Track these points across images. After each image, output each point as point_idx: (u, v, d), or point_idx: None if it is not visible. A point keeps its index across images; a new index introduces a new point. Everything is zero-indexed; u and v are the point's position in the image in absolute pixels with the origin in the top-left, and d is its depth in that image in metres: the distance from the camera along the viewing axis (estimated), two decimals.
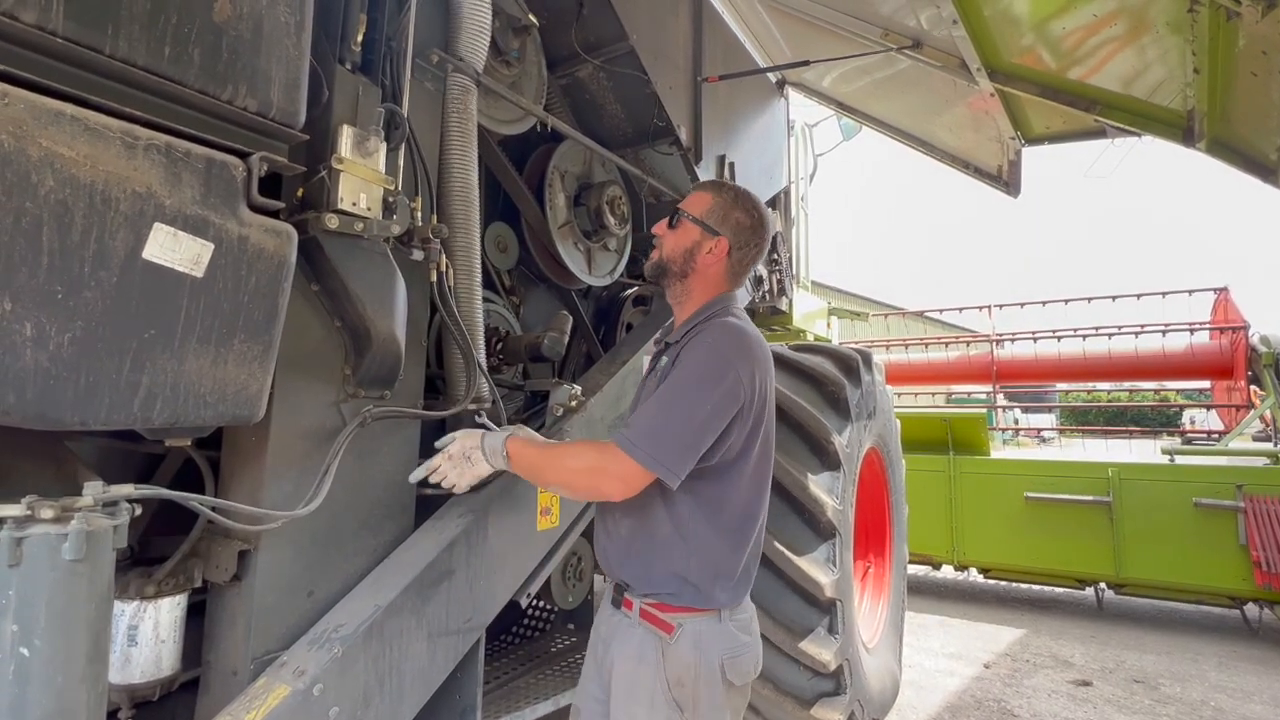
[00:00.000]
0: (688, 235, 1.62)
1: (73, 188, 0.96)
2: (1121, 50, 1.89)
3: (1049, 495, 5.91)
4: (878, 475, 3.83)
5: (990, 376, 8.35)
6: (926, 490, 6.33)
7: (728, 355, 1.46)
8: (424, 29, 1.77)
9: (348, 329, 1.55)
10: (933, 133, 3.67)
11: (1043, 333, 8.34)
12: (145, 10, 1.05)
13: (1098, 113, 2.12)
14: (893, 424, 4.02)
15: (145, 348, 1.07)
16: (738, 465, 1.51)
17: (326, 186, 1.41)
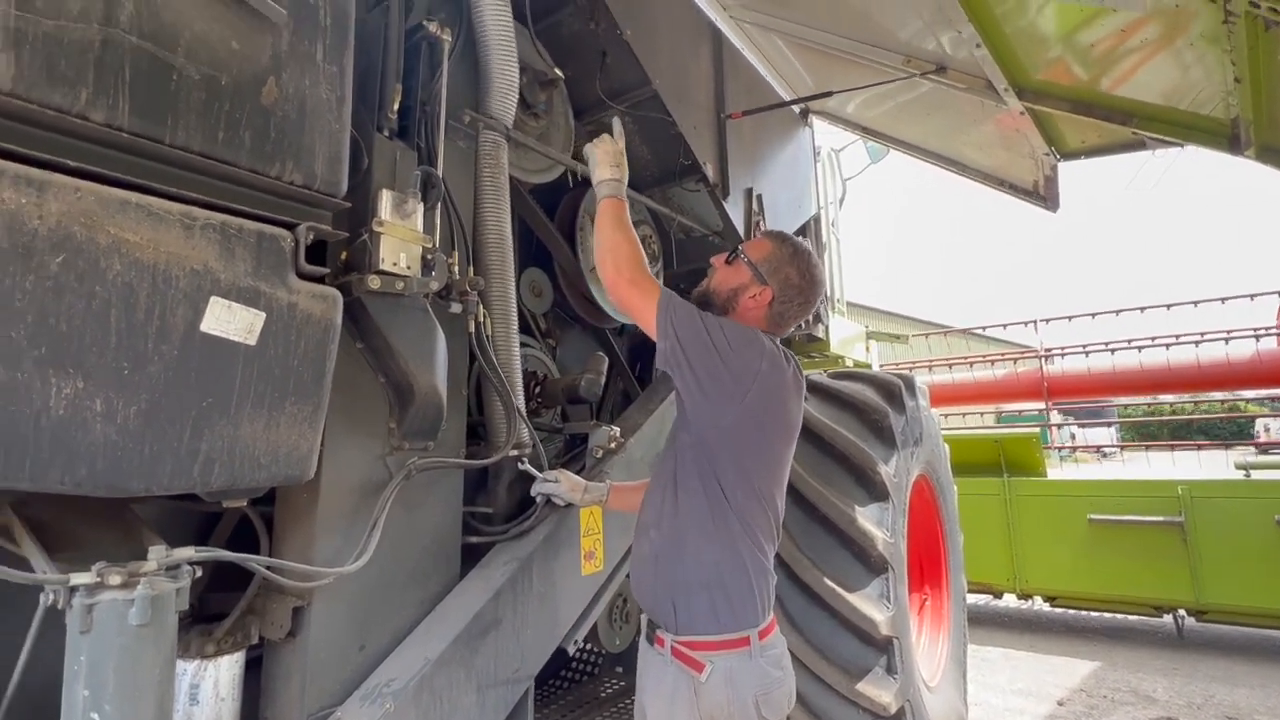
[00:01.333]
0: (738, 275, 1.69)
1: (137, 270, 1.03)
2: (1154, 62, 1.85)
3: (1114, 517, 5.61)
4: (928, 503, 3.71)
5: (1041, 393, 8.04)
6: (981, 515, 6.08)
7: (762, 340, 1.56)
8: (456, 90, 1.85)
9: (391, 384, 1.60)
10: (962, 152, 3.63)
11: (1094, 345, 8.02)
12: (201, 100, 1.12)
13: (1135, 125, 2.06)
14: (941, 449, 3.90)
15: (204, 415, 1.12)
16: (732, 465, 1.52)
17: (368, 249, 1.47)
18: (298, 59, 1.28)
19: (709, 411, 1.52)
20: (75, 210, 0.97)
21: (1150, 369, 7.49)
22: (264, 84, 1.22)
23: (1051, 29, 2.06)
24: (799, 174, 4.16)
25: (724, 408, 1.51)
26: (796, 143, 4.21)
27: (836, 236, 5.09)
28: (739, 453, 1.54)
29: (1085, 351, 8.02)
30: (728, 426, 1.52)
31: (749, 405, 1.51)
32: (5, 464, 0.94)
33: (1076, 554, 5.76)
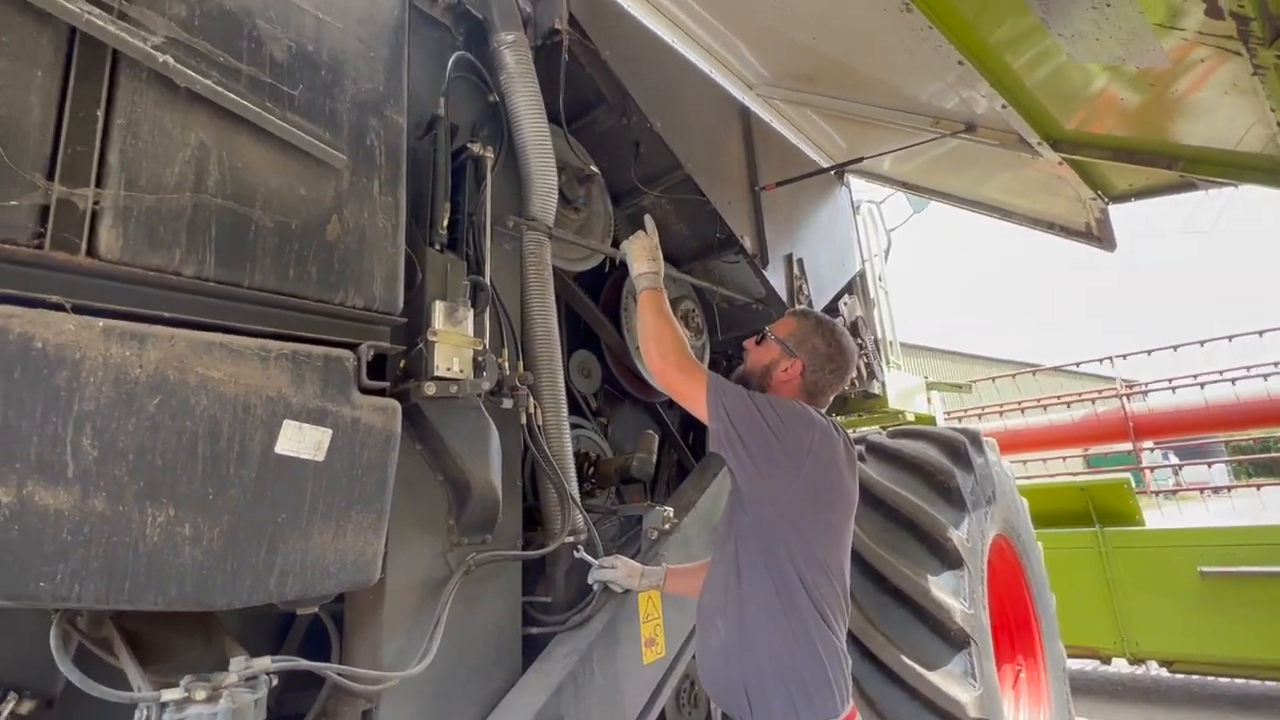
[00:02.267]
0: (768, 353, 1.74)
1: (221, 403, 1.14)
2: (1191, 107, 1.82)
3: (1228, 569, 5.09)
4: (1011, 565, 3.48)
5: (1127, 434, 7.50)
6: (1075, 571, 5.62)
7: (812, 414, 1.59)
8: (499, 198, 1.99)
9: (449, 482, 1.67)
10: (1004, 199, 3.58)
11: (1181, 379, 7.48)
12: (274, 244, 1.26)
13: (1181, 169, 2.01)
14: (1018, 505, 3.69)
15: (279, 531, 1.20)
16: (796, 540, 1.50)
17: (424, 357, 1.57)
18: (357, 195, 1.42)
19: (766, 489, 1.52)
20: (170, 356, 1.09)
21: (1249, 401, 6.89)
22: (328, 222, 1.36)
23: (1076, 83, 2.06)
24: (839, 233, 4.19)
25: (780, 484, 1.50)
26: (834, 203, 4.26)
27: (884, 289, 5.03)
28: (800, 527, 1.52)
29: (1171, 386, 7.48)
30: (786, 502, 1.51)
31: (805, 479, 1.51)
32: (109, 587, 1.03)
33: (1189, 611, 5.22)
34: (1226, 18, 1.22)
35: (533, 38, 2.22)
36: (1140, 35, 1.46)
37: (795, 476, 1.50)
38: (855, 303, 4.20)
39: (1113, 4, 1.38)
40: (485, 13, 2.05)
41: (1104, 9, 1.41)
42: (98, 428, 1.01)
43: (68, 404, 0.99)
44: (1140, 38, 1.47)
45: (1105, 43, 1.54)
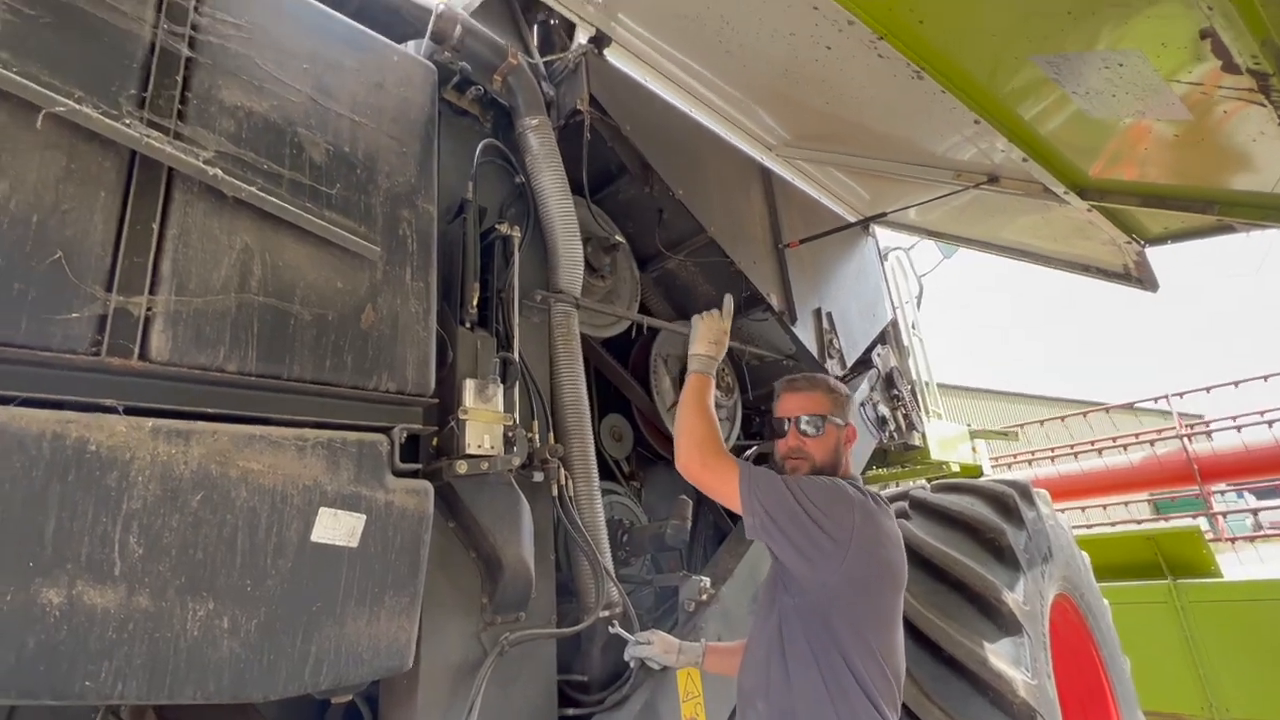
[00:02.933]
0: (831, 437, 1.69)
1: (260, 494, 1.17)
2: (1218, 153, 1.78)
3: None
4: (1076, 628, 3.26)
5: (1191, 477, 7.07)
6: (1150, 629, 5.23)
7: (849, 492, 1.53)
8: (527, 273, 2.05)
9: (482, 559, 1.66)
10: (1035, 244, 3.53)
11: (1246, 416, 7.07)
12: (312, 336, 1.32)
13: (1218, 212, 1.96)
14: (1079, 560, 3.48)
15: (313, 620, 1.21)
16: (845, 626, 1.44)
17: (456, 435, 1.59)
18: (390, 283, 1.49)
19: (812, 575, 1.47)
20: (213, 451, 1.13)
21: None
22: (363, 311, 1.42)
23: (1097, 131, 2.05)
24: (867, 284, 4.17)
25: (826, 570, 1.45)
26: (861, 254, 4.25)
27: (919, 337, 4.96)
28: (849, 613, 1.46)
29: (1237, 426, 7.06)
30: (833, 588, 1.46)
31: (850, 563, 1.45)
32: (150, 683, 1.05)
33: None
34: (1244, 73, 1.22)
35: (555, 118, 2.33)
36: (1157, 90, 1.46)
37: (841, 562, 1.45)
38: (889, 353, 4.14)
39: (1126, 63, 1.38)
40: (511, 100, 2.16)
41: (1117, 68, 1.41)
42: (144, 525, 1.05)
43: (117, 503, 1.03)
44: (1157, 92, 1.47)
45: (1122, 98, 1.54)
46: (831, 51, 1.89)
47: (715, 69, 2.60)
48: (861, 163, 3.02)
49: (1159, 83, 1.42)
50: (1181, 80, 1.39)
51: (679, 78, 2.75)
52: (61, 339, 1.03)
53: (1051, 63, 1.50)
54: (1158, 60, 1.35)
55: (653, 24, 2.43)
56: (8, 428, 0.95)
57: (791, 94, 2.52)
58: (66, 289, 1.05)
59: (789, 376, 1.82)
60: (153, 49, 1.24)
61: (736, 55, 2.28)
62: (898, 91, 2.00)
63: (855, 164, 3.09)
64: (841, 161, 3.17)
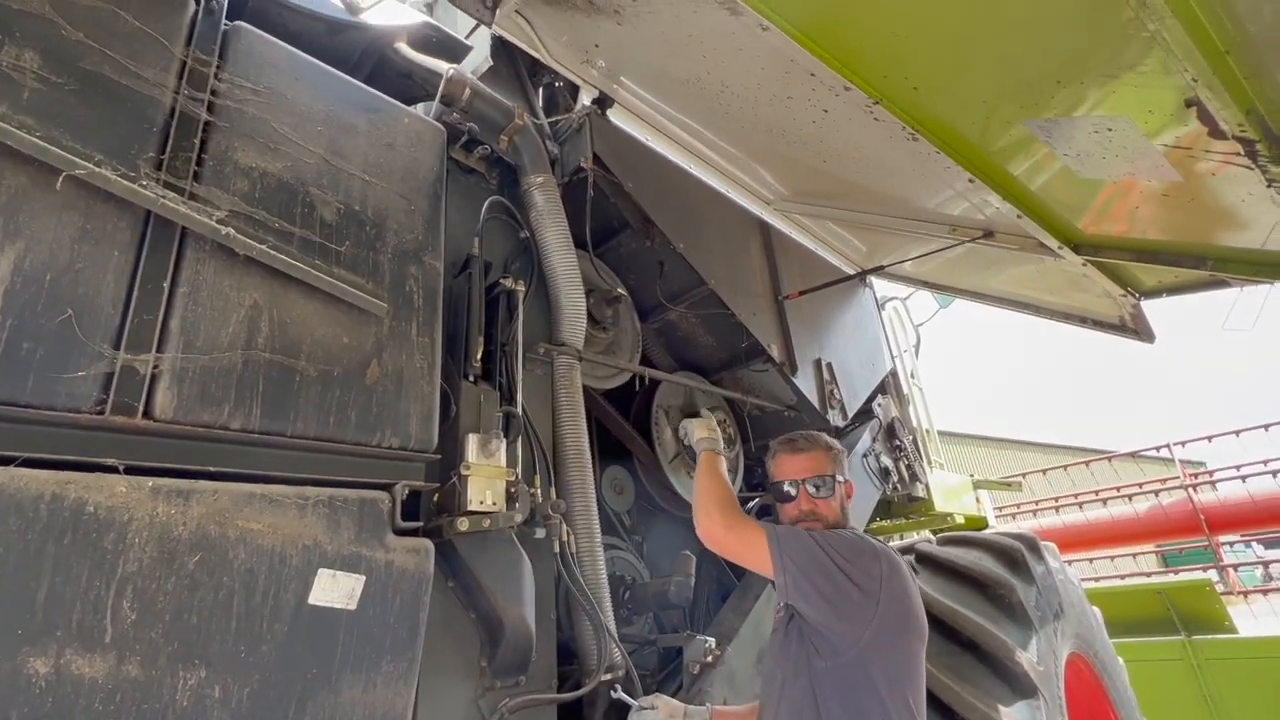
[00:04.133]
0: (839, 495, 1.71)
1: (258, 555, 1.14)
2: (1209, 212, 1.83)
3: None
4: (1091, 688, 3.16)
5: (1198, 528, 6.97)
6: (1164, 687, 5.06)
7: (874, 544, 1.54)
8: (530, 326, 2.06)
9: (482, 620, 1.62)
10: (1031, 296, 3.57)
11: (1250, 465, 7.02)
12: (317, 393, 1.31)
13: (1210, 268, 2.00)
14: (1091, 615, 3.40)
15: (308, 688, 1.17)
16: (884, 681, 1.41)
17: (458, 491, 1.57)
18: (396, 339, 1.49)
19: (847, 631, 1.44)
20: (212, 511, 1.11)
21: None
22: (368, 366, 1.42)
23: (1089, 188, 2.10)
24: (866, 334, 4.20)
25: (860, 622, 1.43)
26: (859, 305, 4.30)
27: (919, 386, 4.97)
28: (887, 666, 1.43)
29: (1241, 475, 7.01)
30: (868, 642, 1.43)
31: (882, 614, 1.44)
32: None
33: None
34: (1230, 139, 1.26)
35: (560, 175, 2.39)
36: (1146, 153, 1.50)
37: (874, 614, 1.44)
38: (890, 403, 4.14)
39: (1114, 128, 1.43)
40: (516, 158, 2.22)
41: (1105, 132, 1.46)
42: (138, 589, 1.02)
43: (113, 567, 1.00)
44: (1145, 155, 1.52)
45: (1112, 160, 1.59)
46: (828, 115, 1.95)
47: (715, 129, 2.68)
48: (858, 217, 3.08)
49: (1147, 146, 1.47)
50: (1169, 144, 1.44)
51: (679, 137, 2.83)
52: (66, 397, 1.03)
53: (1042, 127, 1.55)
54: (1145, 125, 1.40)
55: (654, 87, 2.51)
56: (6, 489, 0.94)
57: (789, 153, 2.59)
58: (74, 347, 1.05)
59: (786, 436, 1.81)
60: (172, 113, 1.28)
61: (735, 117, 2.35)
62: (893, 151, 2.06)
63: (852, 218, 3.15)
64: (839, 216, 3.24)
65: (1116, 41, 1.16)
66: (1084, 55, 1.26)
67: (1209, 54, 1.05)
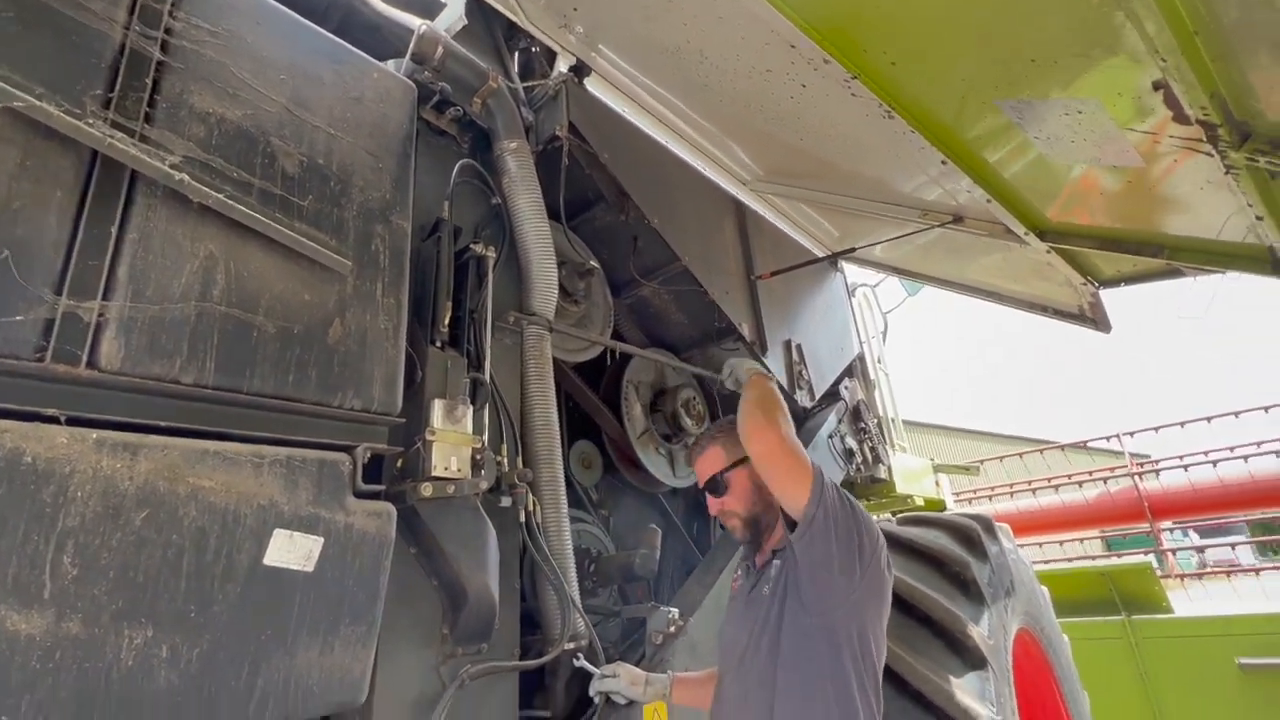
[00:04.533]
0: (740, 484, 1.64)
1: (210, 514, 1.11)
2: (1170, 200, 1.88)
3: (1271, 660, 4.80)
4: (1038, 662, 3.29)
5: (1142, 514, 7.29)
6: (1104, 664, 5.30)
7: (859, 508, 1.50)
8: (501, 293, 2.03)
9: (444, 587, 1.60)
10: (995, 284, 3.65)
11: (1193, 456, 7.35)
12: (276, 350, 1.27)
13: (1167, 256, 2.06)
14: (1040, 594, 3.53)
15: (262, 650, 1.14)
16: (869, 644, 1.42)
17: (422, 457, 1.54)
18: (360, 298, 1.45)
19: (841, 587, 1.42)
20: (161, 466, 1.07)
21: (1264, 479, 6.74)
22: (330, 325, 1.37)
23: (1056, 176, 2.15)
24: (835, 318, 4.25)
25: (853, 581, 1.42)
26: (829, 288, 4.35)
27: (884, 371, 5.06)
28: (870, 627, 1.44)
29: (1184, 465, 7.34)
30: (857, 599, 1.43)
31: (872, 574, 1.44)
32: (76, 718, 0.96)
33: (1232, 708, 4.87)
34: (1193, 124, 1.29)
35: (534, 143, 2.34)
36: (1113, 138, 1.53)
37: (865, 575, 1.43)
38: (856, 386, 4.20)
39: (1084, 110, 1.46)
40: (490, 122, 2.16)
41: (1076, 115, 1.49)
42: (80, 544, 0.98)
43: (51, 520, 0.96)
44: (1113, 140, 1.55)
45: (1080, 145, 1.62)
46: (806, 90, 1.95)
47: (692, 103, 2.66)
48: (832, 199, 3.10)
49: (1114, 130, 1.50)
50: (1135, 129, 1.47)
51: (657, 110, 2.80)
52: (2, 343, 0.97)
53: (1015, 107, 1.57)
54: (1114, 109, 1.42)
55: (632, 56, 2.47)
56: None
57: (765, 130, 2.58)
58: (12, 290, 0.99)
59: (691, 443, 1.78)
60: (123, 50, 1.21)
61: (714, 90, 2.33)
62: (869, 130, 2.07)
63: (826, 200, 3.17)
64: (812, 197, 3.25)
65: (1091, 19, 1.17)
66: (1058, 33, 1.27)
67: (1179, 33, 1.07)
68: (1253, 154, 1.27)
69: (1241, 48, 1.08)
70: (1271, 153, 1.25)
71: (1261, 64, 1.11)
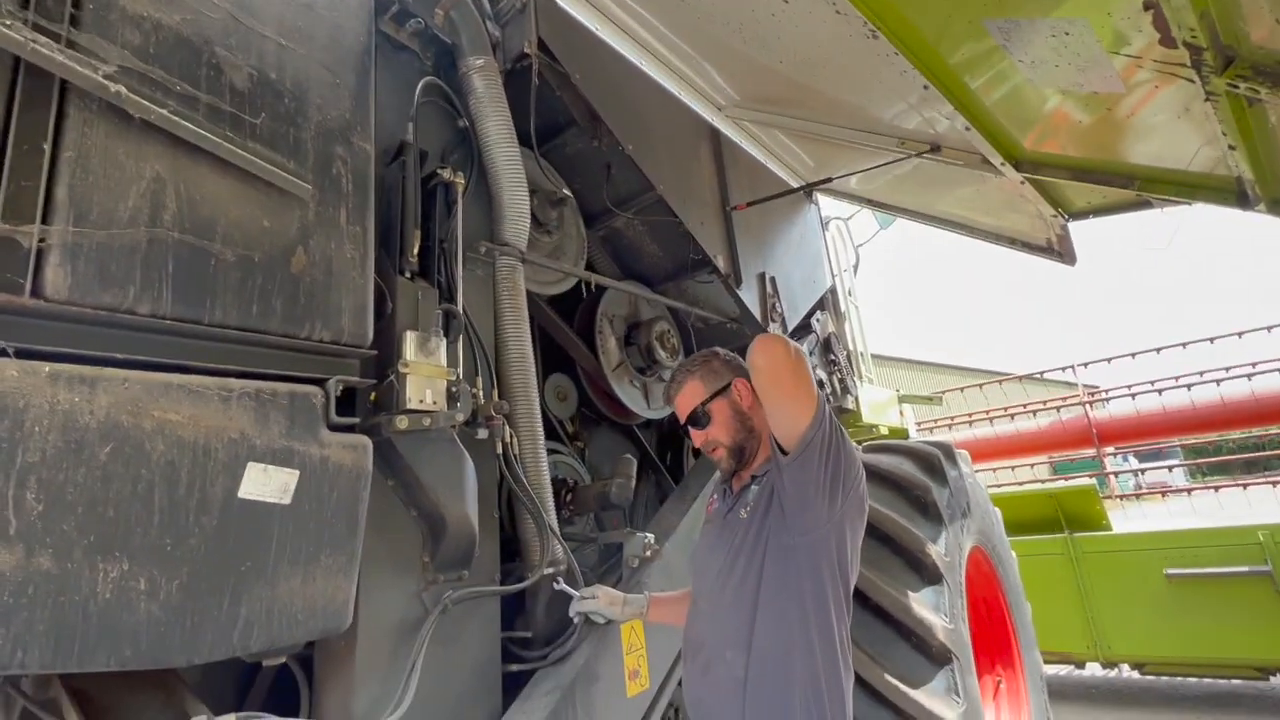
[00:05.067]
0: (722, 413, 1.63)
1: (180, 448, 1.08)
2: (1146, 129, 1.88)
3: (1194, 570, 5.22)
4: (988, 577, 3.51)
5: (1090, 441, 7.70)
6: (1048, 577, 5.71)
7: (846, 434, 1.52)
8: (471, 224, 1.96)
9: (424, 517, 1.61)
10: (968, 216, 3.66)
11: (1140, 385, 7.72)
12: (236, 279, 1.21)
13: (1138, 188, 2.07)
14: (992, 515, 3.73)
15: (242, 581, 1.14)
16: (845, 565, 1.47)
17: (395, 390, 1.52)
18: (324, 225, 1.38)
19: (827, 507, 1.44)
20: (123, 400, 1.03)
21: (1203, 407, 7.14)
22: (293, 254, 1.31)
23: (1034, 104, 2.12)
24: (809, 251, 4.24)
25: (838, 501, 1.45)
26: (804, 221, 4.31)
27: (855, 304, 5.11)
28: (849, 545, 1.48)
29: (1131, 394, 7.72)
30: (839, 521, 1.46)
31: (853, 495, 1.49)
32: (56, 651, 0.96)
33: (1158, 614, 5.33)
34: (1180, 47, 1.27)
35: (502, 62, 2.21)
36: (1098, 62, 1.51)
37: (848, 495, 1.46)
38: (827, 319, 4.24)
39: (1071, 31, 1.42)
40: (454, 38, 2.03)
41: (1063, 36, 1.45)
42: (44, 480, 0.95)
43: (10, 456, 0.92)
44: (1098, 64, 1.52)
45: (1064, 69, 1.59)
46: (789, 6, 1.86)
47: (667, 20, 2.53)
48: (810, 127, 3.03)
49: (1100, 53, 1.47)
50: (1120, 53, 1.44)
51: (631, 28, 2.66)
52: None
53: (1002, 28, 1.52)
54: (1101, 30, 1.39)
55: None
56: None
57: (744, 51, 2.48)
58: None
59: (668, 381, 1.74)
60: None
61: (691, 6, 2.21)
62: (851, 53, 2.00)
63: (803, 128, 3.10)
64: (790, 125, 3.17)
65: None
66: None
67: None
68: (1234, 79, 1.26)
69: None
70: (1253, 78, 1.24)
71: None
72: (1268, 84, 1.21)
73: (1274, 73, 1.20)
